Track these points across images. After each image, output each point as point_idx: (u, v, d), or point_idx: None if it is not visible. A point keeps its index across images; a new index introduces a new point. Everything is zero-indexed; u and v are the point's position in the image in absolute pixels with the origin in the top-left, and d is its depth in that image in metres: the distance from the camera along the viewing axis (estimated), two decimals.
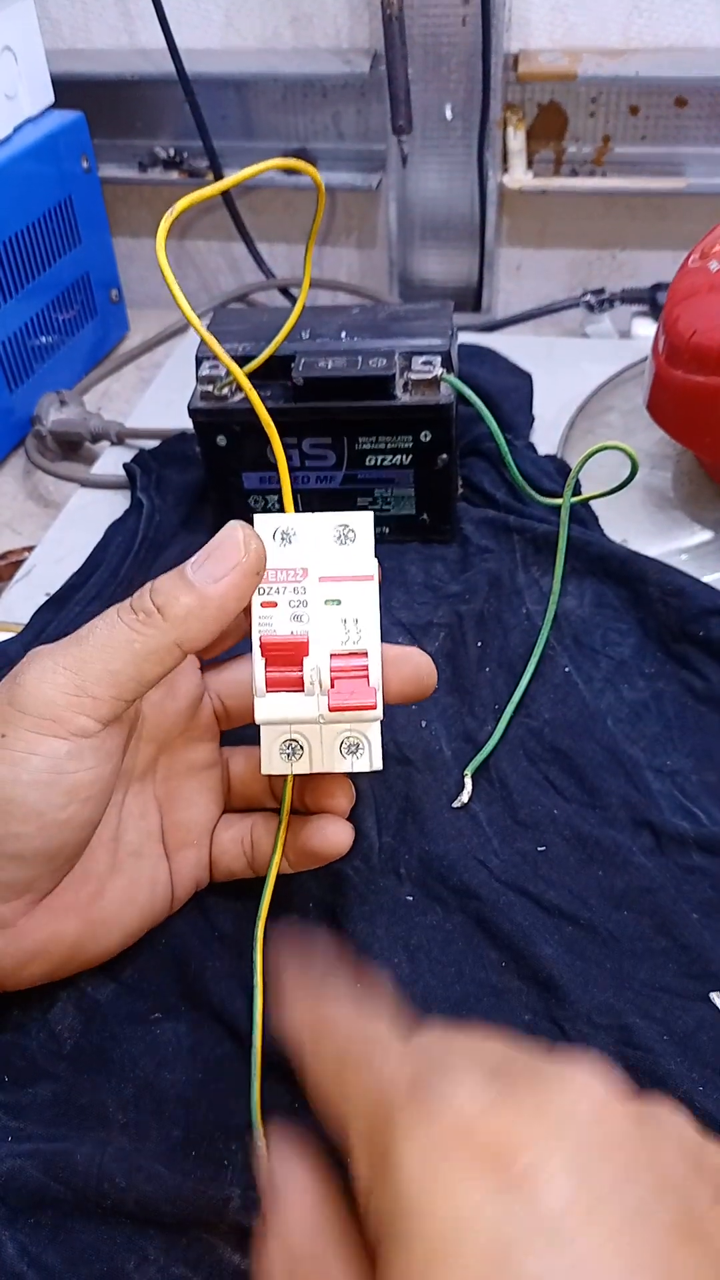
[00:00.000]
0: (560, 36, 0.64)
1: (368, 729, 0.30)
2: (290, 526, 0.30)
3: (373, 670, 0.29)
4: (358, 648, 0.29)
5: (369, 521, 0.30)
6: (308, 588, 0.29)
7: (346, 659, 0.28)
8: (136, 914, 0.31)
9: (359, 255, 0.76)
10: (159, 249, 0.27)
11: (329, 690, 0.28)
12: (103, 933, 0.30)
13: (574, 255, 0.73)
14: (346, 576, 0.29)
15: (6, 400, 0.59)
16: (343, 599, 0.29)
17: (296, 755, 0.30)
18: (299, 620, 0.29)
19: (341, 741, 0.30)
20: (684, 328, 0.44)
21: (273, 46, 0.68)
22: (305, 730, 0.30)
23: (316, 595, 0.29)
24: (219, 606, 0.28)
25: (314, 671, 0.28)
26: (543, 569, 0.45)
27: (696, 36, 0.63)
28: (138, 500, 0.51)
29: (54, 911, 0.29)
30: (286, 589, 0.29)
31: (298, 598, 0.29)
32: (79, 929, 0.29)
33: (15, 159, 0.57)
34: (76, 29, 0.69)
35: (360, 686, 0.28)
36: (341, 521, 0.30)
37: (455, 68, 0.63)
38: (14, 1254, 0.26)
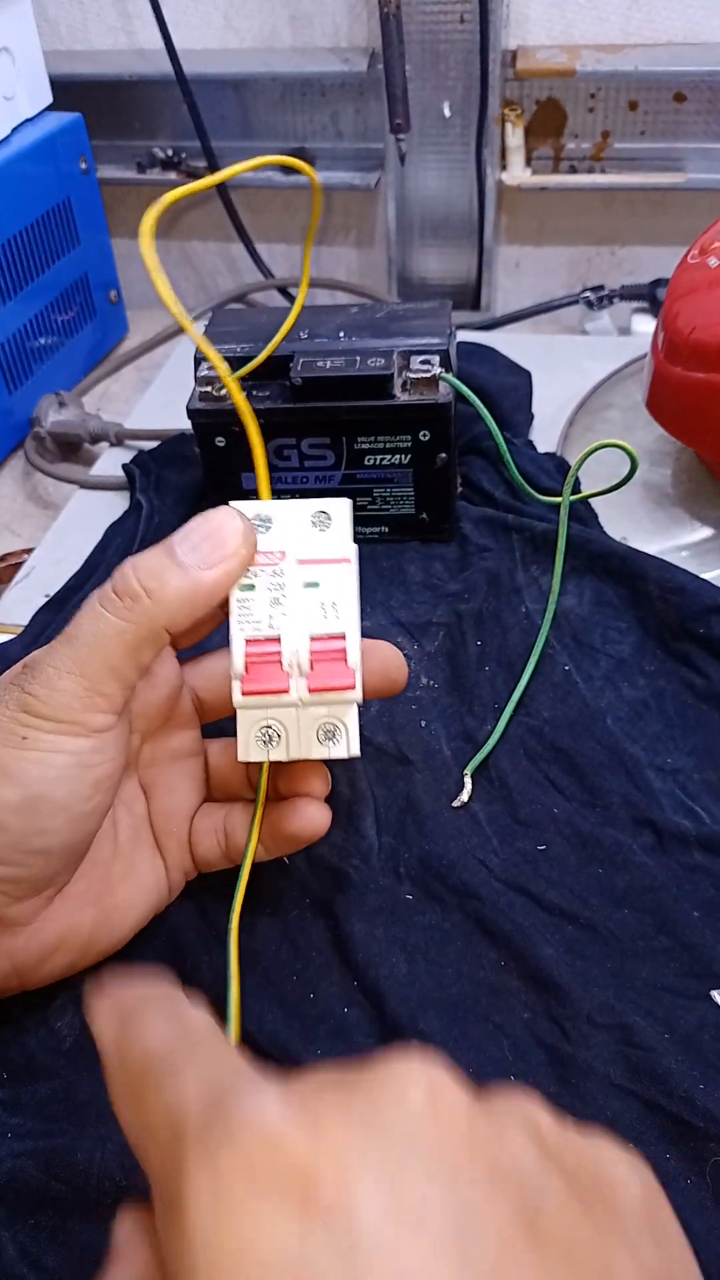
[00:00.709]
0: (558, 33, 0.64)
1: (344, 715, 0.30)
2: (267, 513, 0.30)
3: (351, 652, 0.29)
4: (335, 630, 0.29)
5: (346, 507, 0.30)
6: (285, 570, 0.29)
7: (325, 641, 0.29)
8: (140, 900, 0.31)
9: (358, 254, 0.76)
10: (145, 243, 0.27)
11: (308, 673, 0.29)
12: (116, 920, 0.31)
13: (573, 252, 0.73)
14: (324, 559, 0.29)
15: (5, 401, 0.59)
16: (320, 581, 0.29)
17: (273, 742, 0.30)
18: (277, 604, 0.29)
19: (319, 728, 0.30)
20: (683, 324, 0.44)
21: (271, 46, 0.68)
22: (282, 717, 0.30)
23: (294, 578, 0.29)
24: (209, 593, 0.28)
25: (292, 654, 0.28)
26: (542, 567, 0.45)
27: (695, 31, 0.63)
28: (137, 501, 0.51)
29: (70, 902, 0.29)
30: (265, 572, 0.29)
31: (276, 580, 0.29)
32: (94, 918, 0.30)
33: (13, 160, 0.57)
34: (74, 30, 0.69)
35: (339, 668, 0.28)
36: (318, 508, 0.30)
37: (453, 65, 0.63)
38: (14, 1255, 0.26)
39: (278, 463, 0.46)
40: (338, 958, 0.32)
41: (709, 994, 0.31)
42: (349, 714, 0.30)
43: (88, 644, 0.27)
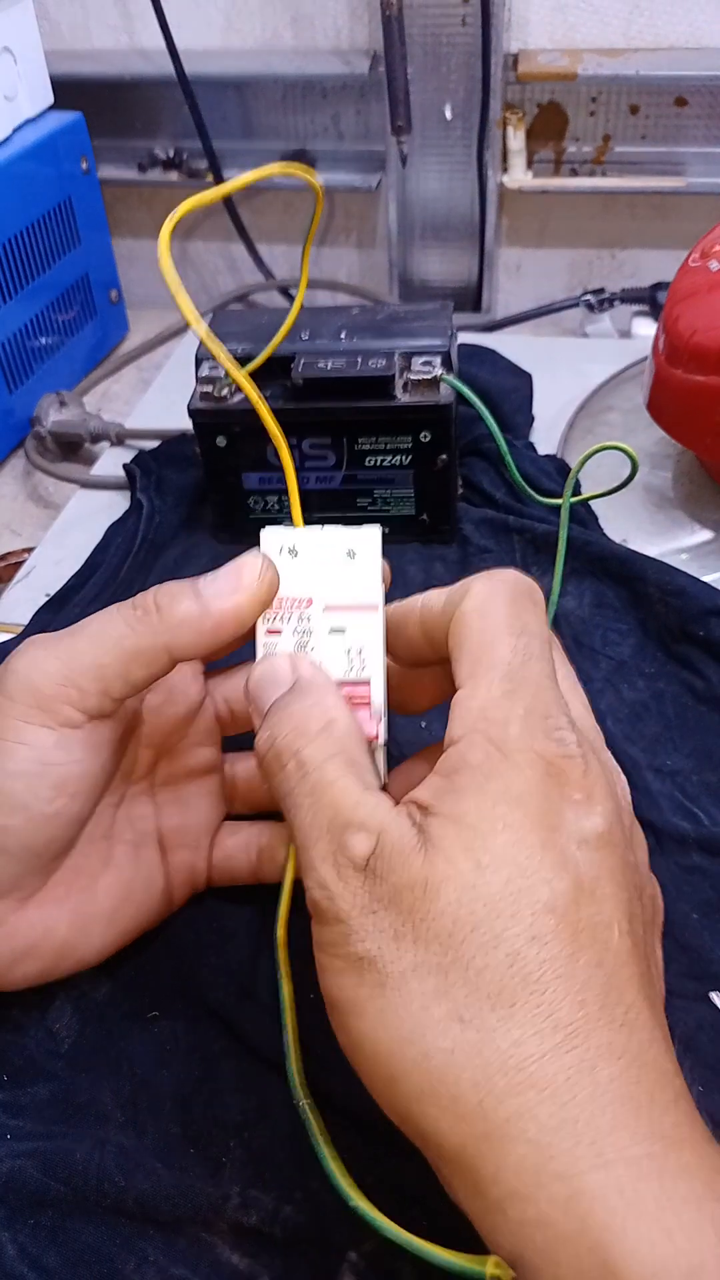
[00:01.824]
0: (560, 36, 0.64)
1: (375, 754, 0.29)
2: (294, 542, 0.30)
3: (375, 698, 0.29)
4: (361, 677, 0.29)
5: (376, 541, 0.30)
6: (312, 616, 0.29)
7: (349, 687, 0.28)
8: (130, 913, 0.31)
9: (359, 255, 0.76)
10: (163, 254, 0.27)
11: None
12: (95, 931, 0.30)
13: (574, 255, 0.73)
14: (351, 606, 0.29)
15: (6, 401, 0.59)
16: (347, 628, 0.29)
17: None
18: (303, 649, 0.29)
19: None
20: (684, 327, 0.44)
21: (272, 47, 0.68)
22: None
23: (321, 625, 0.29)
24: (217, 622, 0.27)
25: None
26: (542, 569, 0.45)
27: (696, 36, 0.63)
28: (137, 501, 0.51)
29: (44, 907, 0.29)
30: (291, 617, 0.29)
31: (302, 626, 0.29)
32: (69, 926, 0.29)
33: (14, 160, 0.57)
34: (76, 29, 0.69)
35: (362, 715, 0.28)
36: (349, 546, 0.30)
37: (455, 68, 0.63)
38: (14, 1255, 0.26)
39: (278, 463, 0.46)
40: None
41: (708, 995, 0.31)
42: (377, 755, 0.29)
43: (87, 636, 0.27)
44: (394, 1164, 0.27)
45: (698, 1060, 0.29)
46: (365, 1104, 0.23)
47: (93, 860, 0.30)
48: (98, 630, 0.27)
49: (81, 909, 0.30)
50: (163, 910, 0.32)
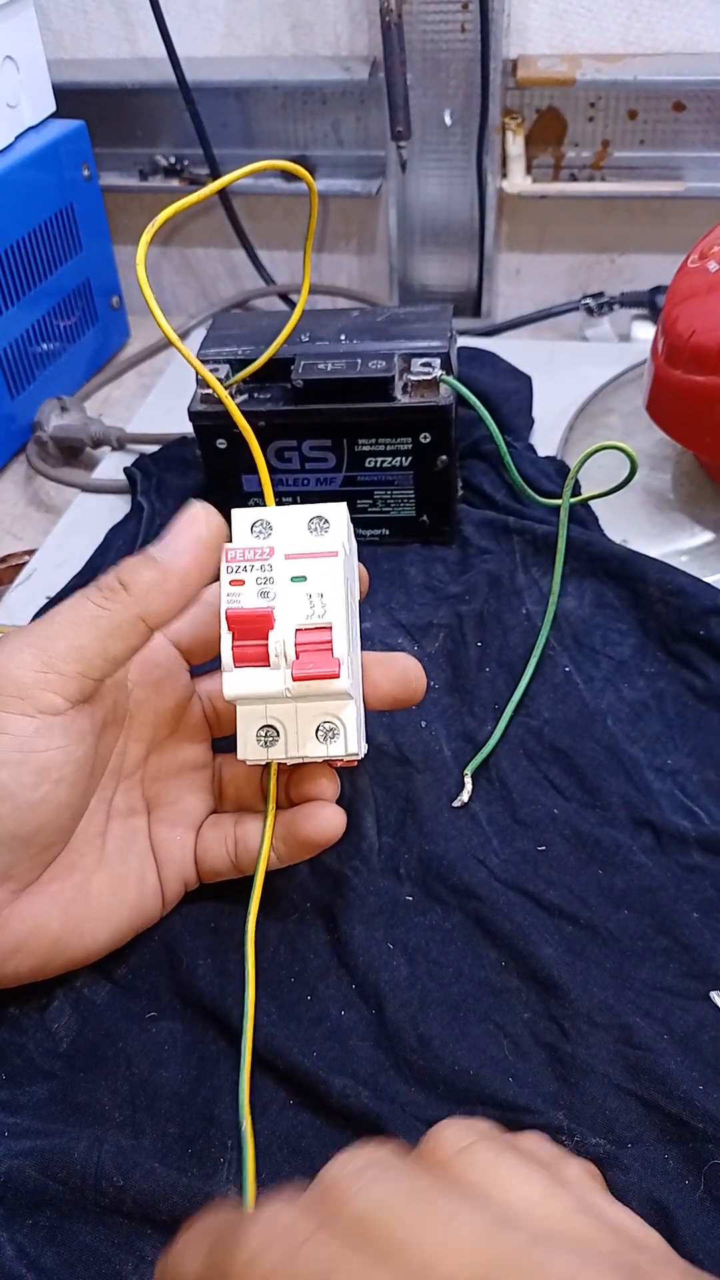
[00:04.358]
0: (559, 42, 0.64)
1: (341, 712, 0.30)
2: (267, 518, 0.31)
3: (337, 642, 0.29)
4: (322, 621, 0.29)
5: (343, 511, 0.31)
6: (274, 565, 0.30)
7: (311, 633, 0.29)
8: (125, 911, 0.31)
9: (359, 261, 0.76)
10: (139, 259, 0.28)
11: (293, 662, 0.28)
12: (88, 929, 0.30)
13: (573, 259, 0.73)
14: (312, 553, 0.30)
15: (8, 406, 0.59)
16: (308, 575, 0.30)
17: (273, 742, 0.30)
18: (265, 596, 0.29)
19: (318, 727, 0.30)
20: (683, 328, 0.44)
21: (273, 54, 0.68)
22: (281, 715, 0.30)
23: (283, 572, 0.29)
24: (180, 579, 0.29)
25: (279, 644, 0.29)
26: (543, 569, 0.45)
27: (694, 41, 0.63)
28: (138, 504, 0.51)
29: (36, 902, 0.29)
30: (254, 567, 0.30)
31: (264, 575, 0.29)
32: (62, 923, 0.29)
33: (17, 167, 0.57)
34: (78, 38, 0.70)
35: (324, 657, 0.28)
36: (316, 514, 0.31)
37: (454, 74, 0.63)
38: (13, 1255, 0.26)
39: (278, 465, 0.46)
40: (336, 960, 0.32)
41: (708, 995, 0.31)
42: (346, 711, 0.30)
43: (60, 622, 0.28)
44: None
45: (698, 1060, 0.29)
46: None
47: (87, 857, 0.30)
48: (69, 616, 0.28)
49: (75, 906, 0.30)
50: (157, 911, 0.32)
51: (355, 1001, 0.31)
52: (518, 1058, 0.30)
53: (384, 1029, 0.30)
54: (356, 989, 0.31)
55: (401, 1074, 0.29)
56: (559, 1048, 0.30)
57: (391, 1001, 0.31)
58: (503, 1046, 0.30)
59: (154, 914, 0.32)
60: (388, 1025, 0.30)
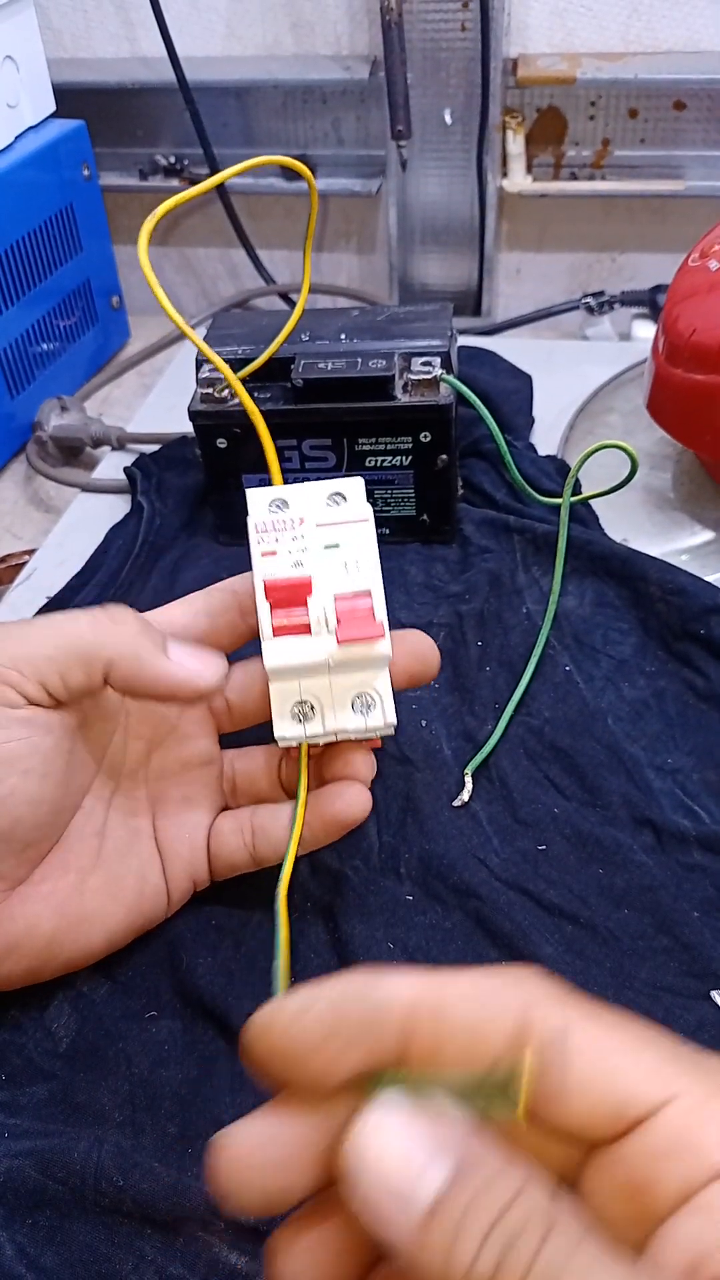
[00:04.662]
0: (559, 41, 0.64)
1: (377, 682, 0.29)
2: (283, 496, 0.30)
3: (377, 606, 0.29)
4: (360, 587, 0.29)
5: (359, 485, 0.31)
6: (305, 534, 0.29)
7: (351, 599, 0.29)
8: (122, 912, 0.31)
9: (359, 260, 0.76)
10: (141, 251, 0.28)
11: (336, 627, 0.28)
12: (84, 929, 0.30)
13: (573, 258, 0.73)
14: (342, 520, 0.30)
15: (8, 406, 0.59)
16: (340, 543, 0.29)
17: (308, 718, 0.29)
18: (299, 566, 0.29)
19: (353, 700, 0.29)
20: (684, 326, 0.44)
21: (273, 53, 0.68)
22: (315, 689, 0.29)
23: (315, 541, 0.29)
24: (164, 683, 0.28)
25: (319, 611, 0.28)
26: (543, 568, 0.45)
27: (695, 40, 0.63)
28: (138, 504, 0.51)
29: (27, 902, 0.29)
30: (285, 537, 0.29)
31: (296, 545, 0.29)
32: (56, 924, 0.29)
33: (16, 167, 0.57)
34: (78, 38, 0.70)
35: (366, 621, 0.28)
36: (334, 490, 0.31)
37: (454, 73, 0.63)
38: (12, 1255, 0.26)
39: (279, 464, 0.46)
40: (337, 959, 0.32)
41: (708, 994, 0.31)
42: (381, 680, 0.29)
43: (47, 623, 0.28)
44: None
45: None
46: None
47: (82, 857, 0.30)
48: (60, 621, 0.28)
49: (68, 907, 0.29)
50: (160, 911, 0.32)
51: None
52: None
53: None
54: None
55: None
56: None
57: None
58: None
59: (157, 914, 0.32)
60: None
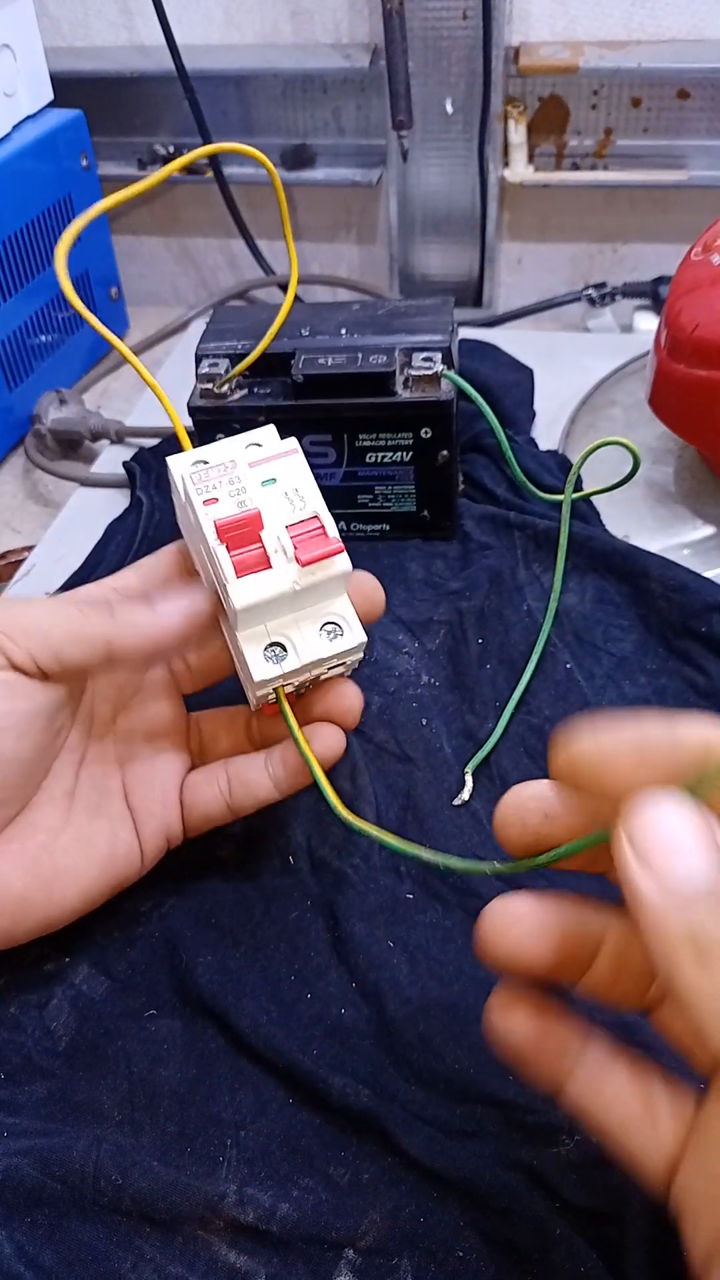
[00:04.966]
0: (561, 29, 0.64)
1: (338, 606, 0.31)
2: (203, 456, 0.31)
3: (328, 526, 0.30)
4: (307, 513, 0.30)
5: (273, 430, 0.32)
6: (240, 476, 0.30)
7: (301, 525, 0.29)
8: (95, 870, 0.31)
9: (359, 250, 0.76)
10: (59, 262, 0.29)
11: (295, 553, 0.29)
12: (56, 888, 0.30)
13: (575, 249, 0.73)
14: (273, 455, 0.31)
15: (6, 399, 0.59)
16: (276, 476, 0.30)
17: (282, 657, 0.30)
18: (242, 505, 0.30)
19: (321, 630, 0.30)
20: (686, 321, 0.43)
21: (272, 42, 0.67)
22: (282, 627, 0.30)
23: (252, 479, 0.30)
24: (158, 637, 0.29)
25: (274, 541, 0.29)
26: (544, 565, 0.45)
27: (698, 28, 0.62)
28: (137, 499, 0.51)
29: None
30: (222, 482, 0.30)
31: (235, 487, 0.30)
32: (27, 882, 0.29)
33: (14, 157, 0.57)
34: (75, 26, 0.69)
35: (322, 539, 0.29)
36: (249, 441, 0.32)
37: (456, 62, 0.62)
38: (11, 1253, 0.26)
39: None
40: (336, 958, 0.32)
41: None
42: (342, 604, 0.31)
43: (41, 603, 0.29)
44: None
45: None
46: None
47: (51, 817, 0.31)
48: (54, 603, 0.29)
49: (40, 866, 0.30)
50: (134, 868, 0.32)
51: (355, 1000, 0.31)
52: None
53: (384, 1027, 0.30)
54: (356, 987, 0.31)
55: (401, 1073, 0.29)
56: None
57: (392, 1000, 0.31)
58: None
59: (130, 872, 0.32)
60: (388, 1024, 0.30)
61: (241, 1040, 0.30)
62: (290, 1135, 0.28)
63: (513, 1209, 0.26)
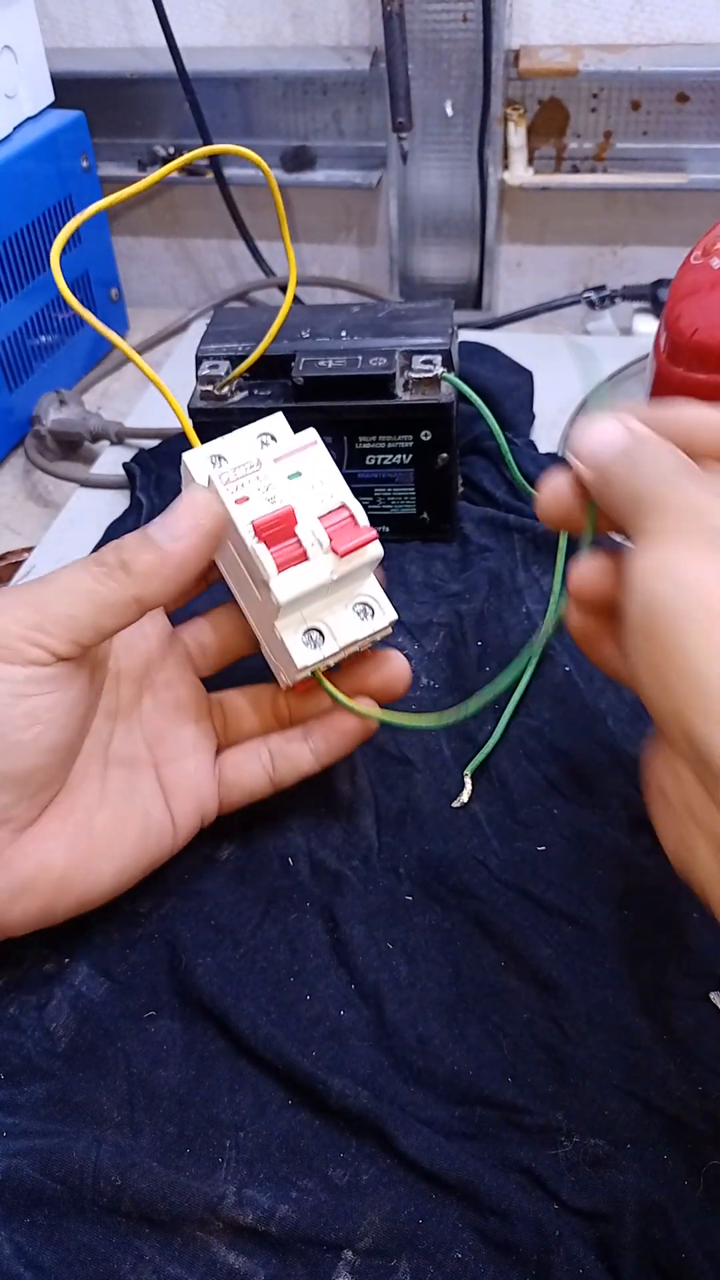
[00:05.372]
0: (561, 32, 0.64)
1: (368, 588, 0.32)
2: (218, 450, 0.33)
3: (358, 514, 0.31)
4: (335, 505, 0.31)
5: (281, 419, 0.33)
6: (267, 473, 0.31)
7: (332, 515, 0.31)
8: (129, 846, 0.32)
9: (359, 253, 0.76)
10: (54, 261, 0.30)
11: (330, 544, 0.30)
12: (94, 865, 0.31)
13: (575, 252, 0.73)
14: (295, 450, 0.32)
15: (6, 400, 0.59)
16: (301, 470, 0.31)
17: (320, 642, 0.32)
18: (273, 502, 0.31)
19: (353, 610, 0.32)
20: (686, 325, 0.44)
21: (273, 44, 0.68)
22: (318, 612, 0.32)
23: (278, 475, 0.31)
24: (178, 565, 0.30)
25: (310, 535, 0.30)
26: (543, 567, 0.45)
27: (698, 31, 0.62)
28: (137, 500, 0.51)
29: (40, 841, 0.30)
30: (250, 481, 0.31)
31: (263, 484, 0.31)
32: (67, 859, 0.30)
33: (15, 158, 0.57)
34: (76, 27, 0.69)
35: (355, 528, 0.30)
36: (260, 431, 0.33)
37: (456, 64, 0.63)
38: (10, 1254, 0.26)
39: None
40: (336, 959, 0.32)
41: (708, 995, 0.31)
42: (371, 585, 0.32)
43: (58, 589, 0.29)
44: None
45: (697, 1060, 0.29)
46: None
47: (87, 796, 0.31)
48: (67, 583, 0.29)
49: (78, 843, 0.30)
50: (167, 845, 0.33)
51: (355, 1001, 0.31)
52: (517, 1058, 0.30)
53: (383, 1029, 0.30)
54: (356, 989, 0.31)
55: (401, 1074, 0.29)
56: (558, 1048, 0.30)
57: (391, 1001, 0.31)
58: (502, 1047, 0.30)
59: (165, 849, 0.33)
60: (387, 1025, 0.30)
61: (241, 1041, 0.30)
62: (289, 1136, 0.28)
63: (512, 1210, 0.26)
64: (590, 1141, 0.28)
